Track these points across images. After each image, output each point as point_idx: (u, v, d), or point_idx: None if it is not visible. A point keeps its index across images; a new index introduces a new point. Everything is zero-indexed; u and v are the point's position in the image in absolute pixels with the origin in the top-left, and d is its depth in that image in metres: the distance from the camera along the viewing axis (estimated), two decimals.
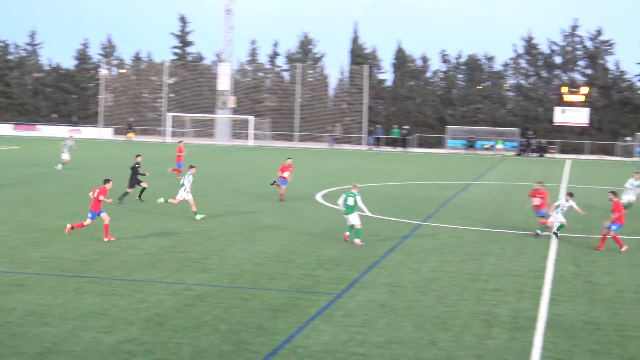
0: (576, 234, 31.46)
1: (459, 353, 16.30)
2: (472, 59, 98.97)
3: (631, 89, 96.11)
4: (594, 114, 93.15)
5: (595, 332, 18.05)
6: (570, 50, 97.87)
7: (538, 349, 16.67)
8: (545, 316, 19.19)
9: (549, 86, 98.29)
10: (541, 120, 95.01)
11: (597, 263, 25.85)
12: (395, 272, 23.56)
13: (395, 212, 35.82)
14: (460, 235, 30.44)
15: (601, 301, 20.88)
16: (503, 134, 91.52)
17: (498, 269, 24.44)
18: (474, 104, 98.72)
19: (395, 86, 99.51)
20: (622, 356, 16.46)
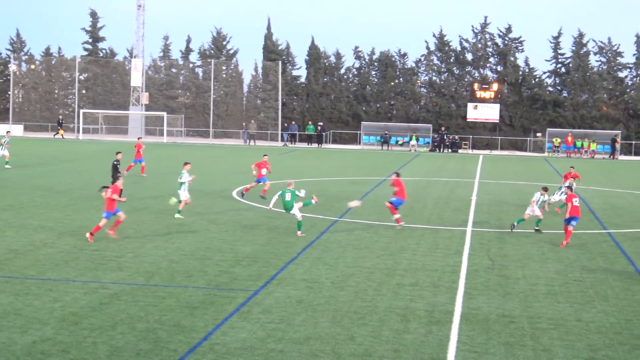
0: (490, 229, 31.93)
1: (377, 348, 16.41)
2: (385, 56, 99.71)
3: (540, 86, 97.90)
4: (504, 110, 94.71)
5: (509, 325, 18.35)
6: (481, 47, 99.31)
7: (454, 343, 16.87)
8: (460, 310, 19.43)
9: (460, 83, 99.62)
10: (454, 116, 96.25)
11: (510, 257, 26.27)
12: (313, 268, 23.61)
13: (311, 209, 35.85)
14: (376, 231, 30.65)
15: (515, 294, 21.22)
16: (417, 130, 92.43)
17: (414, 264, 24.67)
18: (387, 100, 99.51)
19: (309, 82, 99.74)
20: (535, 348, 16.75)
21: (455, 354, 16.18)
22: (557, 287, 22.24)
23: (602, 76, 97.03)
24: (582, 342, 17.18)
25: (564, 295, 21.27)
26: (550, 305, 20.24)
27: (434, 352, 16.28)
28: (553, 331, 17.93)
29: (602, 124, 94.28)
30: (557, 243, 28.95)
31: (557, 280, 23.00)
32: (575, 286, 22.39)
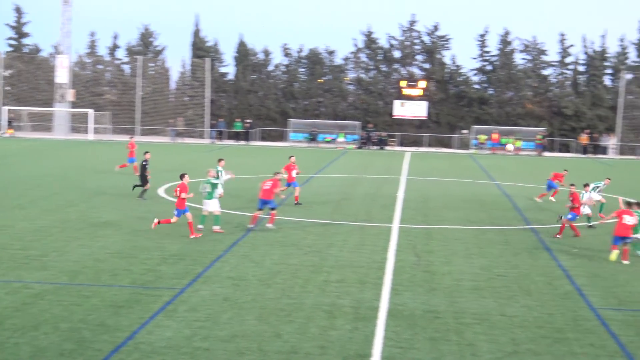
0: (416, 225, 32.17)
1: (303, 345, 16.45)
2: (313, 53, 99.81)
3: (467, 84, 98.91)
4: (431, 108, 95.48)
5: (434, 320, 18.53)
6: (409, 45, 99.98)
7: (380, 339, 16.99)
8: (386, 306, 19.57)
9: (388, 80, 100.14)
10: (381, 113, 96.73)
11: (435, 253, 26.51)
12: (239, 266, 23.56)
13: (238, 206, 35.78)
14: (303, 228, 30.68)
15: (440, 290, 21.44)
16: (344, 127, 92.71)
17: (341, 261, 24.76)
18: (315, 97, 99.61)
19: (238, 79, 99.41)
20: (460, 343, 16.94)
21: (381, 350, 16.30)
22: (481, 282, 22.51)
23: (526, 74, 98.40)
24: (506, 337, 17.43)
25: (489, 291, 21.55)
26: (475, 300, 20.49)
27: (360, 348, 16.37)
28: (477, 326, 18.16)
29: (527, 121, 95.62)
30: (481, 238, 29.34)
31: (481, 276, 23.29)
32: (500, 281, 22.70)
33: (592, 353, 16.56)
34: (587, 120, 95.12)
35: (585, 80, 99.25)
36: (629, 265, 25.46)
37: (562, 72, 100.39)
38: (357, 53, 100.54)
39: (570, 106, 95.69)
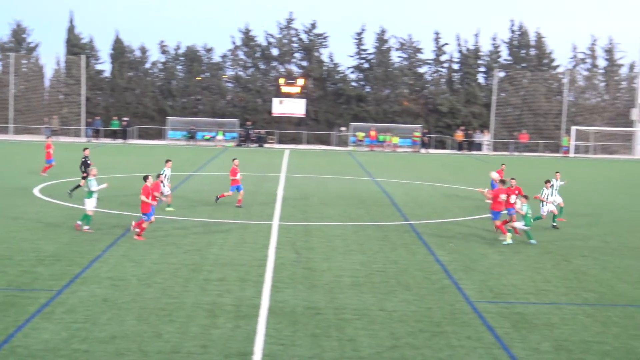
0: (296, 222, 32.31)
1: (185, 344, 16.36)
2: (190, 50, 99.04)
3: (344, 81, 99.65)
4: (310, 105, 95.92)
5: (315, 316, 18.66)
6: (287, 43, 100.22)
7: (261, 336, 17.02)
8: (267, 303, 19.61)
9: (266, 78, 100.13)
10: (260, 111, 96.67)
11: (315, 250, 26.68)
12: (118, 266, 23.26)
13: (116, 205, 35.31)
14: (183, 227, 30.48)
15: (320, 286, 21.59)
16: (223, 124, 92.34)
17: (221, 259, 24.70)
18: (193, 95, 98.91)
19: (114, 77, 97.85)
20: (340, 338, 17.10)
21: (263, 347, 16.33)
22: (361, 278, 22.77)
23: (403, 72, 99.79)
24: (385, 331, 17.68)
25: (368, 286, 21.81)
26: (355, 296, 20.71)
27: (242, 346, 16.37)
28: (357, 321, 18.36)
29: (404, 118, 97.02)
30: (361, 234, 29.69)
31: (361, 272, 23.54)
32: (379, 277, 22.99)
33: (469, 345, 16.93)
34: (462, 117, 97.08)
35: (459, 78, 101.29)
36: (503, 259, 26.13)
37: (437, 70, 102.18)
38: (235, 50, 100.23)
39: (445, 103, 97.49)
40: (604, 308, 20.38)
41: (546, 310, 19.99)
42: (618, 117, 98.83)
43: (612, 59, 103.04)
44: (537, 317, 19.22)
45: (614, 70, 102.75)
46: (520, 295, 21.49)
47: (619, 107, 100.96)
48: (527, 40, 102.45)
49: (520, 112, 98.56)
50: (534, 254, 27.31)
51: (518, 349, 16.79)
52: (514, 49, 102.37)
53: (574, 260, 26.34)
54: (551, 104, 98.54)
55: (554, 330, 18.18)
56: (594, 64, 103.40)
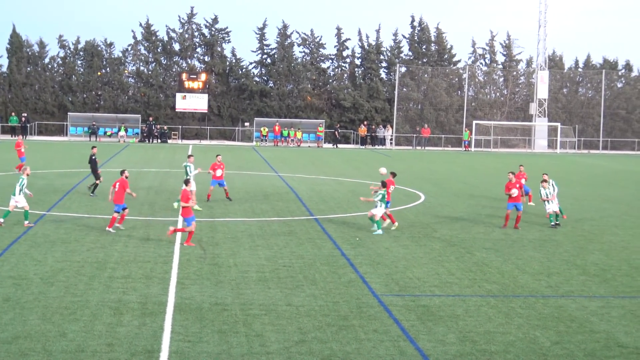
0: (201, 218, 32.11)
1: (90, 343, 16.13)
2: (90, 45, 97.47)
3: (247, 76, 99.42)
4: (213, 101, 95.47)
5: (222, 312, 18.59)
6: (188, 38, 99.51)
7: (168, 333, 16.90)
8: (173, 300, 19.48)
9: (168, 73, 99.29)
10: (163, 106, 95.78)
11: (221, 246, 26.59)
12: (20, 265, 22.81)
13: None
14: (86, 224, 30.04)
15: (227, 282, 21.52)
16: (125, 120, 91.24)
17: (126, 256, 24.42)
18: (94, 90, 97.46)
19: (12, 72, 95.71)
20: (248, 334, 17.08)
21: (170, 344, 16.21)
22: (267, 273, 22.77)
23: (305, 67, 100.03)
24: (293, 326, 17.72)
25: (275, 281, 21.82)
26: (262, 291, 20.70)
27: (148, 343, 16.22)
28: (265, 316, 18.36)
29: (307, 114, 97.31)
30: (266, 230, 29.69)
31: (267, 267, 23.55)
32: (285, 272, 23.02)
33: (376, 339, 17.08)
34: (365, 112, 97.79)
35: (362, 73, 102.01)
36: (408, 252, 26.42)
37: (340, 65, 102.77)
38: (136, 45, 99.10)
39: (348, 98, 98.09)
40: (507, 299, 20.77)
41: (451, 302, 20.29)
42: (517, 112, 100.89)
43: (510, 54, 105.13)
44: (442, 309, 19.49)
45: (512, 66, 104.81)
46: (425, 288, 21.77)
47: (517, 102, 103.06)
48: (427, 36, 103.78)
49: (422, 107, 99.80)
50: (437, 247, 27.69)
51: (424, 341, 17.00)
52: (415, 44, 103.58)
53: (477, 252, 26.79)
54: (452, 99, 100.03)
55: (458, 322, 18.46)
56: (493, 59, 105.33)
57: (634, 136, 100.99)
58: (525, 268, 24.48)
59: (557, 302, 20.62)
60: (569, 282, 23.00)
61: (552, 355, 16.44)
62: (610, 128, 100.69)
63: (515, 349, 16.70)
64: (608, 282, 23.21)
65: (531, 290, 21.87)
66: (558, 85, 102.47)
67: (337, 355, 15.95)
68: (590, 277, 23.66)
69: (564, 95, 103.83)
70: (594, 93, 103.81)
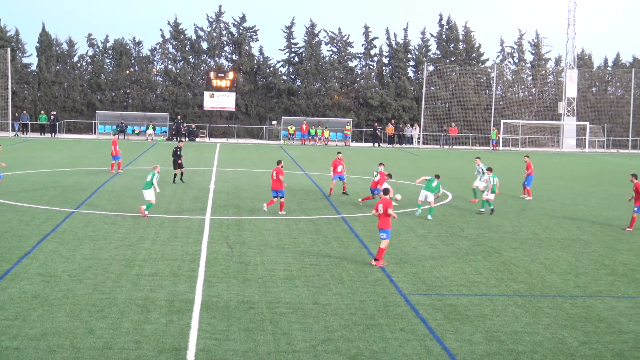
0: (228, 216, 32.20)
1: (117, 340, 16.20)
2: (119, 44, 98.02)
3: (275, 75, 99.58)
4: (240, 99, 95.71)
5: (249, 310, 18.61)
6: (216, 36, 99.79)
7: (195, 331, 16.93)
8: (200, 298, 19.51)
9: (196, 71, 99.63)
10: (190, 105, 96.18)
11: (248, 244, 26.62)
12: (48, 262, 22.94)
13: (46, 200, 34.83)
14: (114, 222, 30.17)
15: (254, 280, 21.54)
16: (153, 118, 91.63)
17: (153, 254, 24.50)
18: (123, 88, 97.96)
19: (41, 70, 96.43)
20: (275, 332, 17.09)
21: (197, 342, 16.24)
22: (294, 271, 22.77)
23: (333, 65, 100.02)
24: (319, 325, 17.71)
25: (301, 280, 21.82)
26: (288, 289, 20.71)
27: (175, 341, 16.27)
28: (291, 315, 18.37)
29: (334, 112, 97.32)
30: (293, 228, 29.69)
31: (294, 265, 23.55)
32: (312, 270, 23.02)
33: (403, 338, 17.04)
34: (392, 110, 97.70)
35: (389, 72, 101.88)
36: (435, 251, 26.35)
37: (368, 64, 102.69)
38: (164, 44, 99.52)
39: (375, 97, 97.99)
40: (534, 299, 20.67)
41: (478, 301, 20.22)
42: (545, 111, 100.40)
43: (539, 53, 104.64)
44: (469, 309, 19.43)
45: (541, 64, 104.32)
46: (452, 287, 21.70)
47: (546, 101, 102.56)
48: (455, 35, 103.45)
49: (449, 106, 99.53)
50: (465, 246, 27.60)
51: (451, 341, 16.95)
52: (442, 43, 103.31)
53: (504, 252, 26.68)
54: (480, 98, 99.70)
55: (485, 322, 18.39)
56: (521, 58, 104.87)
57: None
58: (553, 268, 24.35)
59: (585, 302, 20.50)
60: (597, 282, 22.86)
61: (579, 355, 16.35)
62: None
63: (543, 349, 16.62)
64: (637, 282, 23.05)
65: (559, 290, 21.75)
66: (587, 84, 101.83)
67: (363, 354, 15.94)
68: (618, 277, 23.51)
69: (593, 94, 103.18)
70: (623, 92, 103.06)
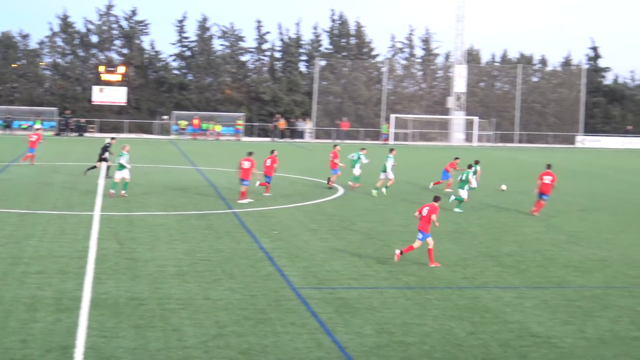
0: (118, 212, 31.81)
1: (3, 339, 15.85)
2: (5, 36, 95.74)
3: (166, 69, 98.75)
4: (131, 93, 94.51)
5: (139, 307, 18.43)
6: (107, 30, 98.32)
7: (83, 329, 16.68)
8: (89, 295, 19.23)
9: (86, 65, 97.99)
10: (80, 99, 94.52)
11: (138, 240, 26.34)
12: None
13: None
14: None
15: (144, 277, 21.34)
16: (41, 113, 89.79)
17: (40, 251, 24.04)
18: (9, 82, 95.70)
19: None
20: (165, 328, 16.96)
21: (85, 340, 16.01)
22: (185, 267, 22.63)
23: (225, 60, 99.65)
24: (210, 320, 17.64)
25: (192, 275, 21.70)
26: (179, 285, 20.57)
27: (63, 339, 16.00)
28: (182, 311, 18.25)
29: (226, 107, 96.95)
30: (184, 224, 29.50)
31: (185, 261, 23.40)
32: (203, 265, 22.91)
33: (294, 331, 17.10)
34: (284, 105, 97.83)
35: (281, 66, 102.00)
36: (326, 245, 26.51)
37: (260, 59, 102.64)
38: (53, 37, 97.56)
39: (267, 92, 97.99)
40: (423, 291, 20.98)
41: (368, 294, 20.43)
42: (435, 105, 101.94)
43: (428, 48, 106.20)
44: (360, 302, 19.61)
45: (430, 60, 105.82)
46: (343, 280, 21.87)
47: (435, 96, 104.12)
48: (347, 30, 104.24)
49: (341, 101, 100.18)
50: (356, 239, 27.84)
51: (341, 334, 17.07)
52: (334, 38, 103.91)
53: (395, 245, 26.97)
54: (371, 92, 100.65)
55: (375, 314, 18.59)
56: (411, 53, 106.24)
57: (549, 130, 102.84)
58: (441, 260, 24.71)
59: (473, 293, 20.92)
60: (484, 273, 23.34)
61: (467, 345, 16.67)
62: (526, 122, 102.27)
63: (431, 340, 16.89)
64: (522, 273, 23.62)
65: (447, 282, 22.13)
66: (475, 79, 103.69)
67: (254, 349, 15.94)
68: (505, 269, 24.04)
69: (481, 89, 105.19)
70: (510, 87, 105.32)
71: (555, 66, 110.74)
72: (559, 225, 32.60)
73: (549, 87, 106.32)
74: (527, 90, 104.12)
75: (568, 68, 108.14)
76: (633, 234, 31.30)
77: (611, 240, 29.49)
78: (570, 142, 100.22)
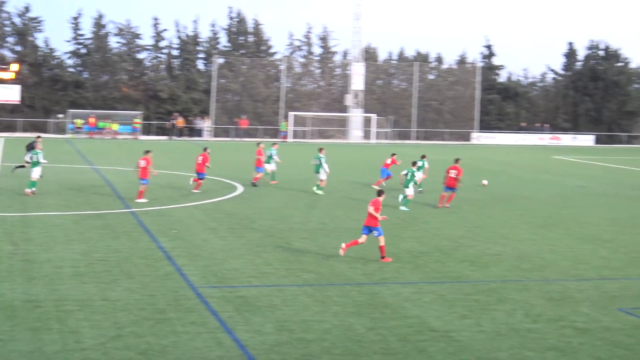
0: (13, 213, 31.19)
1: None
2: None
3: (61, 67, 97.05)
4: (25, 92, 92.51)
5: (35, 309, 18.11)
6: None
7: None
8: None
9: None
10: None
11: (34, 241, 25.88)
12: None
13: None
14: None
15: (40, 278, 20.97)
16: None
17: None
18: None
19: None
20: (62, 331, 16.70)
21: None
22: (82, 268, 22.33)
23: (122, 57, 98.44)
24: (109, 321, 17.45)
25: (90, 276, 21.42)
26: (76, 286, 20.28)
27: None
28: (79, 312, 18.01)
29: (124, 105, 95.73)
30: (81, 224, 29.09)
31: (82, 262, 23.08)
32: (101, 266, 22.64)
33: (194, 331, 17.03)
34: (183, 103, 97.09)
35: (179, 64, 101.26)
36: (225, 244, 26.49)
37: (157, 56, 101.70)
38: None
39: (165, 90, 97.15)
40: (323, 288, 21.11)
41: (268, 292, 20.46)
42: (333, 103, 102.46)
43: (326, 46, 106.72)
44: (260, 300, 19.63)
45: (328, 58, 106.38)
46: (243, 279, 21.86)
47: (334, 93, 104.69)
48: (245, 28, 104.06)
49: (240, 98, 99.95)
50: (255, 237, 27.85)
51: (241, 332, 17.07)
52: (232, 35, 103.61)
53: (294, 242, 27.10)
54: (270, 90, 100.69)
55: (275, 312, 18.63)
56: (309, 51, 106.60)
57: (445, 127, 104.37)
58: (341, 257, 24.88)
59: (372, 289, 21.13)
60: (383, 269, 23.59)
61: (366, 341, 16.83)
62: (423, 119, 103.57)
63: (331, 336, 17.00)
64: (420, 268, 23.95)
65: (347, 279, 22.30)
66: (373, 77, 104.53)
67: (153, 349, 15.82)
68: (403, 264, 24.33)
69: (379, 87, 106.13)
70: (407, 85, 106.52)
71: (451, 64, 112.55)
72: (456, 221, 33.15)
73: (445, 84, 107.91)
74: (424, 88, 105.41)
75: (463, 66, 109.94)
76: (525, 228, 32.05)
77: (505, 235, 30.16)
78: (466, 139, 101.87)
